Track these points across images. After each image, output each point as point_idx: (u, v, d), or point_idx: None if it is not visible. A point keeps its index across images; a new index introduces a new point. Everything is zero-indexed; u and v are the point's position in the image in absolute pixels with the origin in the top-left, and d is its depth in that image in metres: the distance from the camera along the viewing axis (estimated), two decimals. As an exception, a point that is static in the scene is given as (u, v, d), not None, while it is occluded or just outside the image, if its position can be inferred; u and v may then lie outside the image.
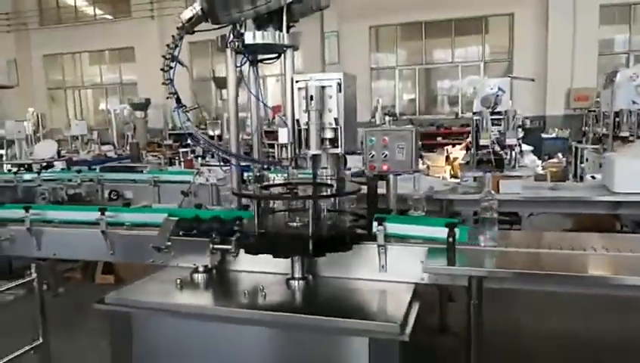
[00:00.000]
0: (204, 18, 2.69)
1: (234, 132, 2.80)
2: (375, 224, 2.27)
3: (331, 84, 2.37)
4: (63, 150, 9.72)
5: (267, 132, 3.22)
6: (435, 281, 2.26)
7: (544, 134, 12.00)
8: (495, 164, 5.71)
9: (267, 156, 3.13)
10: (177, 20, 2.70)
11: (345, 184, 2.55)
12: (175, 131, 14.70)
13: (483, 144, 5.91)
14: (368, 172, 2.66)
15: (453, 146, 10.67)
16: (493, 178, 4.30)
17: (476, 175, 5.12)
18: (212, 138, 7.30)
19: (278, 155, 2.60)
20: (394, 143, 2.57)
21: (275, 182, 2.77)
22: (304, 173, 2.79)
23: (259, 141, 2.92)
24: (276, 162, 2.70)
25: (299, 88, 2.39)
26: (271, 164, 2.83)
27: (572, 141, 10.25)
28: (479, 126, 5.99)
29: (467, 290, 2.10)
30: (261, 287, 2.16)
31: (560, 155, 9.94)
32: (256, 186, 2.66)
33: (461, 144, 10.31)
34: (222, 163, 3.18)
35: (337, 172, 2.53)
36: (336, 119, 2.38)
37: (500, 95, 6.11)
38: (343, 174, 2.66)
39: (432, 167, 9.52)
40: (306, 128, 2.40)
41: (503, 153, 5.84)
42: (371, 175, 2.65)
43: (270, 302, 2.12)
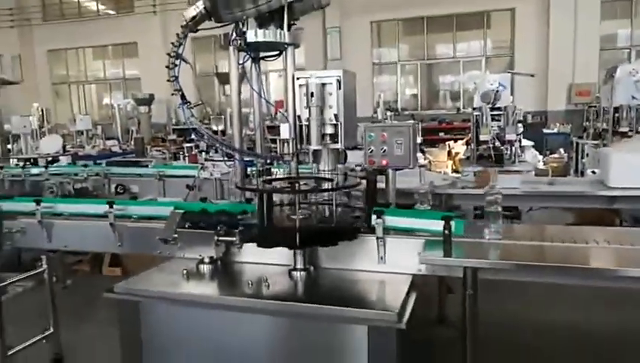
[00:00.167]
0: (207, 17, 2.75)
1: (238, 128, 2.88)
2: (374, 217, 2.33)
3: (331, 81, 2.44)
4: (67, 144, 9.79)
5: (269, 127, 3.30)
6: (432, 272, 2.33)
7: (545, 130, 11.98)
8: (494, 159, 5.79)
9: (270, 151, 3.20)
10: (181, 18, 2.76)
11: (347, 178, 2.62)
12: (179, 126, 14.79)
13: (483, 140, 5.99)
14: (367, 167, 2.74)
15: (455, 141, 10.70)
16: (492, 173, 4.38)
17: (476, 170, 5.19)
18: (215, 133, 7.37)
19: (280, 150, 2.68)
20: (393, 138, 2.64)
21: (278, 176, 2.84)
22: (305, 168, 2.87)
23: (261, 137, 3.00)
24: (278, 157, 2.78)
25: (300, 85, 2.47)
26: (274, 159, 2.91)
27: (573, 136, 10.27)
28: (479, 122, 6.05)
29: (463, 280, 2.18)
30: (264, 278, 2.23)
31: (561, 150, 9.94)
32: (259, 180, 2.73)
33: (462, 139, 10.35)
34: (226, 158, 3.25)
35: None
36: (336, 115, 2.45)
37: (500, 91, 6.15)
38: (345, 169, 2.74)
39: (434, 162, 9.56)
40: (307, 124, 2.48)
41: (503, 149, 5.91)
42: (370, 170, 2.73)
43: (273, 291, 2.18)
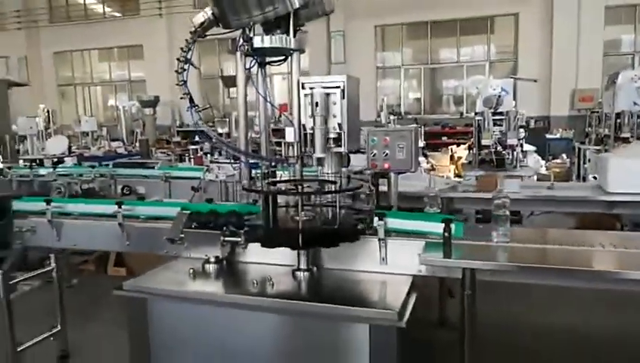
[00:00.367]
0: (215, 23, 2.82)
1: (244, 131, 2.94)
2: (376, 219, 2.40)
3: (335, 91, 2.48)
4: (73, 146, 9.88)
5: (274, 130, 3.36)
6: (432, 273, 2.38)
7: (548, 135, 12.02)
8: (496, 164, 5.85)
9: (274, 154, 3.26)
10: (186, 20, 2.83)
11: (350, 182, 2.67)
12: (183, 129, 14.89)
13: (485, 144, 6.05)
14: (363, 170, 2.80)
15: (457, 145, 10.76)
16: (493, 178, 4.44)
17: (477, 175, 5.25)
18: (220, 135, 7.45)
19: (284, 153, 2.74)
20: (395, 142, 2.71)
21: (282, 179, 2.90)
22: (310, 171, 2.93)
23: (267, 140, 3.06)
24: (283, 159, 2.85)
25: (305, 95, 2.51)
26: (279, 161, 2.97)
27: (575, 142, 10.30)
28: (481, 126, 6.12)
29: (461, 281, 2.24)
30: (269, 277, 2.29)
31: (564, 155, 9.99)
32: (264, 182, 2.79)
33: (465, 144, 10.40)
34: (233, 160, 3.32)
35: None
36: (339, 124, 2.50)
37: (502, 96, 6.21)
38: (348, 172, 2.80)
39: (436, 166, 9.62)
40: (312, 133, 2.53)
41: (505, 153, 5.98)
42: (372, 173, 2.80)
43: (278, 290, 2.24)
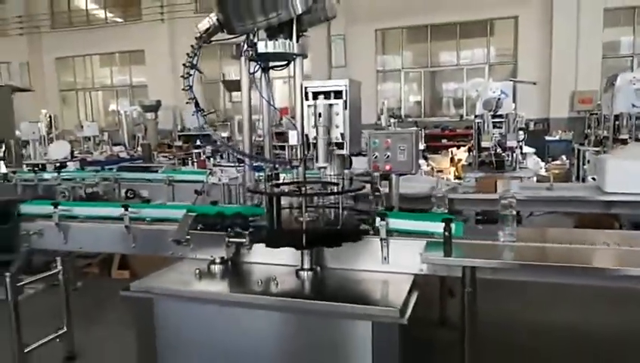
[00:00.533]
0: (220, 29, 2.89)
1: (248, 134, 3.00)
2: (378, 219, 2.45)
3: (338, 102, 2.54)
4: (75, 150, 9.96)
5: (276, 134, 3.42)
6: (433, 272, 2.43)
7: (548, 137, 12.09)
8: (495, 165, 5.91)
9: (276, 157, 3.32)
10: (186, 25, 2.90)
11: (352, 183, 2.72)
12: (184, 133, 14.97)
13: (485, 146, 6.12)
14: (371, 172, 2.86)
15: (457, 148, 10.82)
16: (493, 179, 4.49)
17: (477, 176, 5.30)
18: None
19: (288, 156, 2.80)
20: (396, 145, 2.77)
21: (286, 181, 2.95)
22: (313, 173, 2.98)
23: (270, 143, 3.12)
24: (287, 162, 2.91)
25: (309, 106, 2.56)
26: (283, 164, 3.03)
27: (575, 143, 10.36)
28: (481, 129, 6.18)
29: (462, 280, 2.29)
30: (273, 277, 2.34)
31: (563, 157, 10.05)
32: (268, 184, 2.85)
33: (465, 146, 10.46)
34: (238, 163, 3.38)
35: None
36: (342, 134, 2.55)
37: (502, 99, 6.27)
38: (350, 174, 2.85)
39: (437, 168, 9.68)
40: (315, 143, 2.58)
41: (504, 155, 6.04)
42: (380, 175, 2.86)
43: (282, 289, 2.29)
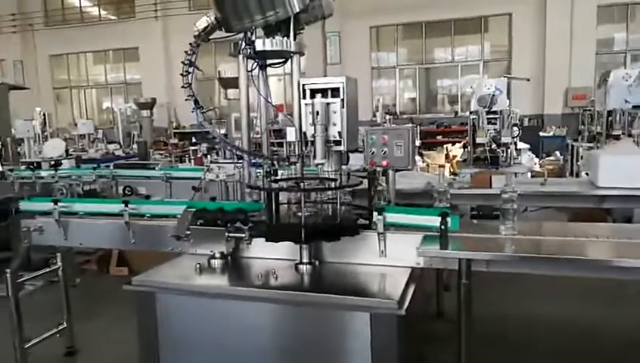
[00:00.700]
0: (218, 27, 2.92)
1: (246, 131, 3.03)
2: (375, 214, 2.49)
3: (336, 101, 2.57)
4: (70, 148, 9.93)
5: (273, 131, 3.45)
6: (430, 265, 2.48)
7: (542, 133, 12.17)
8: (490, 161, 5.97)
9: (274, 154, 3.36)
10: (186, 26, 2.93)
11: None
12: (180, 130, 14.96)
13: (480, 143, 6.18)
14: (368, 168, 2.90)
15: (452, 144, 10.89)
16: (487, 175, 4.55)
17: (472, 172, 5.36)
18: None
19: (286, 152, 2.84)
20: (392, 141, 2.80)
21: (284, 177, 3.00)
22: (310, 170, 3.02)
23: (267, 140, 3.16)
24: (284, 158, 2.95)
25: (306, 104, 2.59)
26: (281, 160, 3.07)
27: (569, 139, 10.45)
28: (475, 125, 6.24)
29: (458, 272, 2.34)
30: (273, 271, 2.39)
31: (557, 153, 10.14)
32: (267, 180, 2.89)
33: (460, 142, 10.53)
34: (236, 160, 3.42)
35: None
36: (339, 132, 2.59)
37: (496, 95, 6.33)
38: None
39: (432, 165, 9.74)
40: (312, 141, 2.60)
41: (499, 151, 6.10)
42: (371, 171, 2.90)
43: (281, 282, 2.34)
